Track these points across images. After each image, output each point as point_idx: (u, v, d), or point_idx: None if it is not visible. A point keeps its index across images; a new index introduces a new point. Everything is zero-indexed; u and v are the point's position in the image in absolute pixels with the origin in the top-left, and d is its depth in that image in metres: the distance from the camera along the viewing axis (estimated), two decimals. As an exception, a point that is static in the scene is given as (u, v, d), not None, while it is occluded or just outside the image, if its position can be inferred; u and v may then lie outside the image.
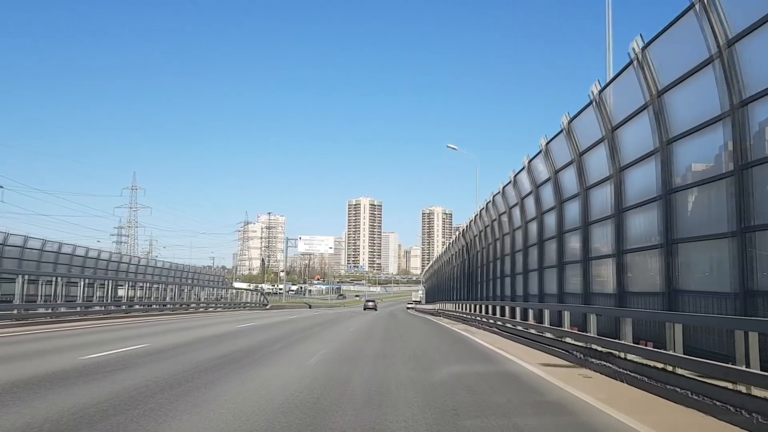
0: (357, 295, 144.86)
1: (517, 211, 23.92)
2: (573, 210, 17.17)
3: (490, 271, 31.24)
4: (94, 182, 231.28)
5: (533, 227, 22.09)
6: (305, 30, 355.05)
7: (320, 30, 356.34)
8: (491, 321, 21.20)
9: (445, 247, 59.71)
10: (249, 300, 43.65)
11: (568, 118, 15.59)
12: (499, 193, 26.24)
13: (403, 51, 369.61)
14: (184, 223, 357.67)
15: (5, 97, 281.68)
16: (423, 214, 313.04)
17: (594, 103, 13.39)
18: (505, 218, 26.48)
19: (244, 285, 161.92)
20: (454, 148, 38.10)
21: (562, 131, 16.33)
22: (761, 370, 6.03)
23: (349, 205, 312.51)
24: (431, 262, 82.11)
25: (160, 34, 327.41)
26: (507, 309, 19.51)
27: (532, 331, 15.15)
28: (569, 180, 17.01)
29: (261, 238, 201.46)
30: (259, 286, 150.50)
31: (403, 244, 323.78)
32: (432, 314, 47.00)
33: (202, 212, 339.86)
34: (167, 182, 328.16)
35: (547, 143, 17.98)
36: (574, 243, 17.38)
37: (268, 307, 45.44)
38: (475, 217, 34.40)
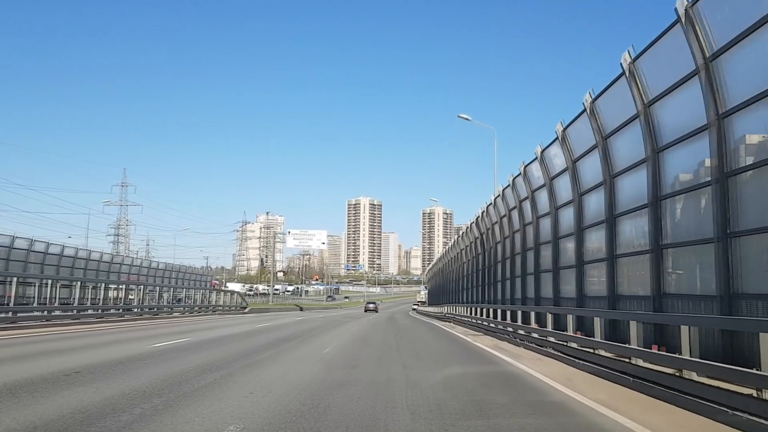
0: (347, 297, 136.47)
1: (565, 181, 17.24)
2: (679, 162, 10.62)
3: (516, 266, 24.58)
4: (93, 182, 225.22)
5: (591, 202, 15.43)
6: (305, 30, 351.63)
7: (320, 30, 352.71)
8: (539, 337, 14.46)
9: (451, 242, 53.04)
10: (223, 302, 36.58)
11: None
12: (535, 159, 19.56)
13: (403, 51, 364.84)
14: (184, 223, 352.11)
15: (2, 96, 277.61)
16: (423, 213, 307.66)
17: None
18: (542, 195, 19.79)
19: (238, 286, 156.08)
20: (466, 119, 31.45)
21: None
22: None
23: (348, 204, 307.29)
24: (435, 260, 75.36)
25: (159, 34, 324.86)
26: (569, 320, 12.68)
27: (642, 363, 8.45)
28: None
29: (259, 238, 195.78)
30: (254, 286, 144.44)
31: (403, 244, 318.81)
32: (438, 318, 40.30)
33: (202, 212, 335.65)
34: (167, 182, 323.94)
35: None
36: (688, 211, 10.72)
37: (246, 310, 38.59)
38: (495, 199, 27.71)
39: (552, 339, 13.16)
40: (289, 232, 58.38)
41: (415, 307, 74.74)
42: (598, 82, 14.44)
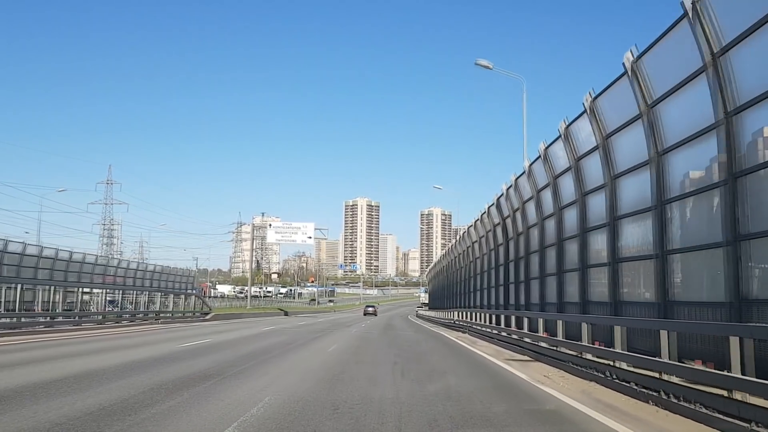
0: (331, 300, 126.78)
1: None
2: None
3: (569, 255, 17.16)
4: (86, 182, 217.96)
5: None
6: (302, 30, 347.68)
7: (317, 30, 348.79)
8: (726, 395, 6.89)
9: (458, 235, 45.41)
10: (173, 308, 28.31)
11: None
12: (614, 83, 12.07)
13: (402, 51, 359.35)
14: (179, 224, 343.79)
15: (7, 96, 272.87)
16: (422, 215, 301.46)
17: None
18: (634, 131, 12.28)
19: (228, 288, 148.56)
20: (487, 67, 23.96)
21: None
22: None
23: (345, 205, 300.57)
24: (437, 259, 67.70)
25: (155, 35, 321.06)
26: None
27: None
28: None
29: (253, 239, 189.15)
30: (245, 288, 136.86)
31: (401, 246, 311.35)
32: (447, 326, 32.83)
33: (198, 214, 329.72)
34: (163, 183, 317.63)
35: None
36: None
37: (208, 317, 30.83)
38: (531, 166, 20.15)
39: None
40: (270, 225, 50.22)
41: (418, 309, 72.00)
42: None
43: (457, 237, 46.38)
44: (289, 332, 22.53)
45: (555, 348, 12.40)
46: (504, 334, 18.28)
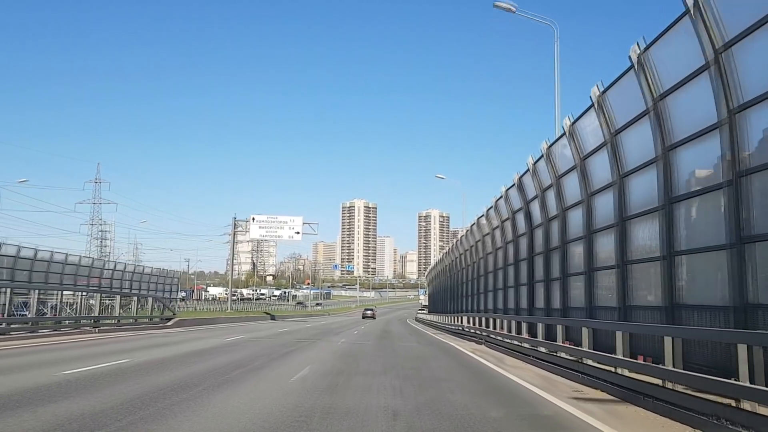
0: (318, 303, 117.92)
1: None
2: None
3: (624, 242, 12.30)
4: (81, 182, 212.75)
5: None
6: (299, 30, 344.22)
7: (314, 30, 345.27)
8: None
9: (463, 232, 40.42)
10: (120, 312, 22.99)
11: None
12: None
13: (399, 52, 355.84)
14: (178, 226, 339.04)
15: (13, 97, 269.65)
16: (419, 216, 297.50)
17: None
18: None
19: (219, 290, 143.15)
20: (510, 9, 19.16)
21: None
22: None
23: (343, 207, 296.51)
24: (439, 257, 62.84)
25: (157, 35, 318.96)
26: None
27: None
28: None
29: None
30: (238, 290, 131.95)
31: (398, 249, 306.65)
32: (453, 333, 28.03)
33: (195, 216, 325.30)
34: (160, 185, 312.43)
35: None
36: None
37: (170, 323, 25.63)
38: (571, 126, 15.12)
39: None
40: (253, 219, 44.84)
41: (418, 312, 70.57)
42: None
43: (462, 233, 41.48)
44: (258, 344, 17.54)
45: (660, 384, 7.42)
46: (542, 349, 13.34)
